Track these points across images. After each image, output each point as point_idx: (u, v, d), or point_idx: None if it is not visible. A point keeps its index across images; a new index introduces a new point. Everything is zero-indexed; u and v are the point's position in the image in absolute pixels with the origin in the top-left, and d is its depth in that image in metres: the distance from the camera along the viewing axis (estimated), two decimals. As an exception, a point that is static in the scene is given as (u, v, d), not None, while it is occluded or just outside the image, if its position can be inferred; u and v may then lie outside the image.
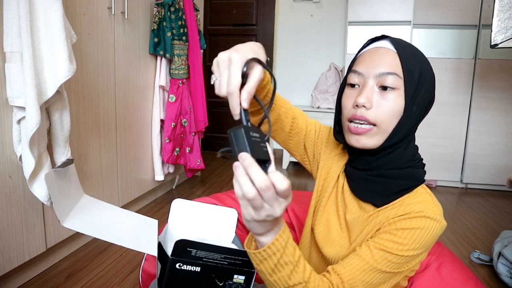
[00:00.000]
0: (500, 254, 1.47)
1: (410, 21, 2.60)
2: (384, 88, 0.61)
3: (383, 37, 0.66)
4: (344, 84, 0.69)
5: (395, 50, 0.63)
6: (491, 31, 1.58)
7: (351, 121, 0.64)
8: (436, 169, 2.73)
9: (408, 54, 0.63)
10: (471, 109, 2.63)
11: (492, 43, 1.59)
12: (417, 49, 0.67)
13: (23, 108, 1.07)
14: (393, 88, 0.61)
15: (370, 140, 0.62)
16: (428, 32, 2.66)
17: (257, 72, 0.50)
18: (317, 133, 0.79)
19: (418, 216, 0.59)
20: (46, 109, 1.16)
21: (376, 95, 0.62)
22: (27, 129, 1.03)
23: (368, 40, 0.68)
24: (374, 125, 0.61)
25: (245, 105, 0.48)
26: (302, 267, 0.54)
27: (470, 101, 2.63)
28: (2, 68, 1.09)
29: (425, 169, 0.69)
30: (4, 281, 1.21)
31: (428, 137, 2.67)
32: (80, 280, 1.33)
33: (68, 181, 0.69)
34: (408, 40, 2.62)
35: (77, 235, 1.52)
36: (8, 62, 1.07)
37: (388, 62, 0.62)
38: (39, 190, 1.14)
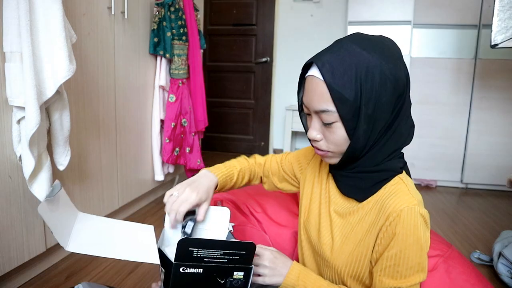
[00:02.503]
0: (500, 254, 1.46)
1: (410, 21, 2.60)
2: (325, 123, 0.64)
3: (312, 63, 0.64)
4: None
5: (323, 79, 0.61)
6: (491, 31, 1.58)
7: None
8: (436, 169, 2.73)
9: (337, 75, 0.59)
10: (471, 109, 2.63)
11: (492, 43, 1.59)
12: (353, 50, 0.61)
13: (22, 108, 1.07)
14: (332, 123, 0.63)
15: (330, 160, 0.69)
16: (428, 32, 2.66)
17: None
18: (281, 165, 0.93)
19: (397, 223, 0.62)
20: (46, 109, 1.16)
21: (322, 128, 0.66)
22: (27, 129, 1.03)
23: (305, 64, 0.67)
24: (328, 151, 0.67)
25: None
26: None
27: (470, 101, 2.63)
28: (2, 68, 1.08)
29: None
30: (4, 281, 1.21)
31: (428, 137, 2.66)
32: (80, 280, 1.33)
33: (62, 206, 0.70)
34: (408, 40, 2.62)
35: (77, 235, 1.52)
36: (8, 62, 1.07)
37: (319, 96, 0.62)
38: (39, 190, 1.14)
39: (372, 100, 0.60)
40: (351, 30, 2.71)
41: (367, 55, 0.60)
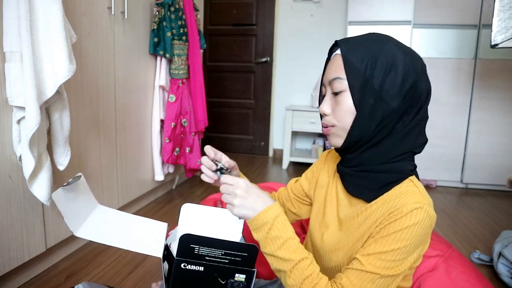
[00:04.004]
0: (500, 254, 1.47)
1: (410, 21, 2.60)
2: (334, 93, 0.66)
3: (336, 44, 0.69)
4: None
5: (340, 53, 0.66)
6: (491, 31, 1.58)
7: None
8: (436, 169, 2.73)
9: (352, 49, 0.64)
10: (471, 109, 2.63)
11: (492, 43, 1.59)
12: (375, 37, 0.66)
13: (22, 108, 1.07)
14: (340, 91, 0.65)
15: (334, 139, 0.69)
16: (428, 32, 2.66)
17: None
18: (291, 189, 0.93)
19: (404, 215, 0.60)
20: (46, 109, 1.16)
21: (332, 101, 0.68)
22: (27, 129, 1.03)
23: (330, 48, 0.71)
24: (333, 126, 0.68)
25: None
26: (293, 247, 0.63)
27: (470, 101, 2.63)
28: (2, 68, 1.09)
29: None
30: (4, 281, 1.21)
31: (428, 137, 2.65)
32: (80, 280, 1.33)
33: (79, 195, 0.72)
34: (408, 40, 2.62)
35: (77, 235, 1.52)
36: (8, 62, 1.07)
37: (335, 67, 0.66)
38: (39, 190, 1.14)
39: (380, 76, 0.62)
40: (351, 30, 2.71)
41: (387, 42, 0.65)
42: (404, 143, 0.65)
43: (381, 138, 0.65)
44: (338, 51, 0.67)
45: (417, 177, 0.70)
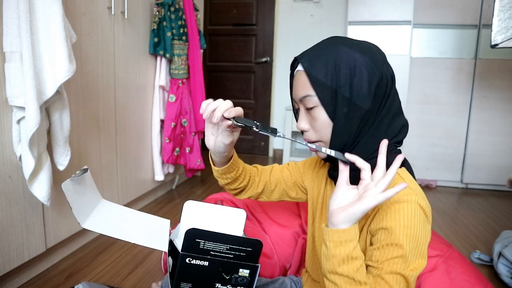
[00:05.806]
0: (500, 254, 1.46)
1: (410, 21, 2.60)
2: (308, 109, 0.68)
3: (296, 60, 0.70)
4: None
5: (303, 69, 0.67)
6: (491, 31, 1.58)
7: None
8: (436, 169, 2.73)
9: (314, 64, 0.66)
10: (471, 109, 2.63)
11: (493, 43, 1.58)
12: (330, 44, 0.68)
13: (22, 108, 1.07)
14: (313, 107, 0.67)
15: (320, 153, 0.70)
16: (429, 32, 2.66)
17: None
18: (292, 172, 0.91)
19: (393, 211, 0.61)
20: (46, 109, 1.16)
21: (308, 116, 0.69)
22: (27, 129, 1.03)
23: (291, 64, 0.73)
24: (318, 141, 0.69)
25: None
26: (365, 267, 0.60)
27: (471, 101, 2.63)
28: (2, 68, 1.08)
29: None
30: (4, 281, 1.21)
31: (428, 137, 2.66)
32: (80, 280, 1.33)
33: (85, 187, 0.74)
34: (408, 40, 2.62)
35: (77, 235, 1.52)
36: (8, 62, 1.07)
37: (302, 85, 0.68)
38: (39, 190, 1.14)
39: (347, 83, 0.64)
40: (351, 30, 2.71)
41: (342, 47, 0.66)
42: (384, 127, 0.66)
43: (364, 135, 0.66)
44: (300, 67, 0.68)
45: (409, 168, 0.70)
